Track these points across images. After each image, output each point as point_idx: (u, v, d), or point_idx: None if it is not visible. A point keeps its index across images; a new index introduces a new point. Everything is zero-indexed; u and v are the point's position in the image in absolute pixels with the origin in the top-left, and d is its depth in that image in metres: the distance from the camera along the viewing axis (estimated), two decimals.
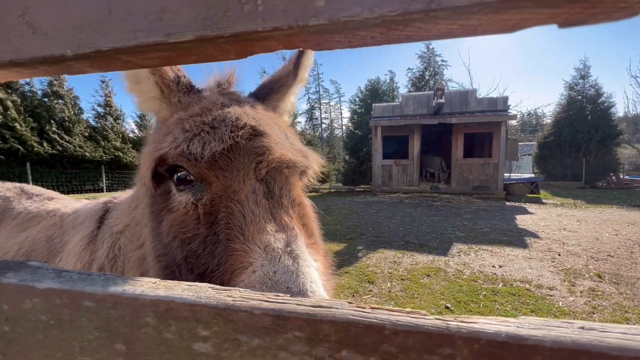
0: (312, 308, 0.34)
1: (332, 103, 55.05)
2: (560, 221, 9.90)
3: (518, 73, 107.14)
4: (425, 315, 0.32)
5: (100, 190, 23.68)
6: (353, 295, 4.61)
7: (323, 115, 52.92)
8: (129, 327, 0.39)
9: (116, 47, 0.38)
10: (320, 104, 51.71)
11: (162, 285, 0.41)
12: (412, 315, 0.32)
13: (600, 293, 4.65)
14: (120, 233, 1.31)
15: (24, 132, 20.66)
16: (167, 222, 0.89)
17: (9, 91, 20.86)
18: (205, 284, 0.42)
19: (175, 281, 0.43)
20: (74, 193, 20.87)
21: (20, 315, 0.44)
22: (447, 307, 4.28)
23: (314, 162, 1.04)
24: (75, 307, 0.41)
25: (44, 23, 0.42)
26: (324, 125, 52.74)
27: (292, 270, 0.68)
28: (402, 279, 5.21)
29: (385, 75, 63.47)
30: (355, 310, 0.33)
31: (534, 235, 8.09)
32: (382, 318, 0.32)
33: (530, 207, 13.10)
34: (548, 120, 34.62)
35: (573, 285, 4.96)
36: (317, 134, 46.19)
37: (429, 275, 5.36)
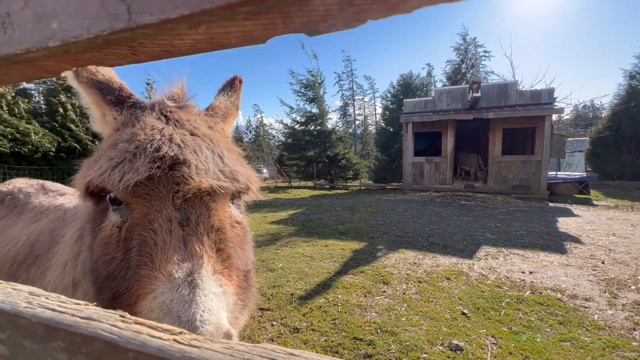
0: (79, 319, 0.35)
1: (365, 99, 54.14)
2: (611, 225, 8.93)
3: (568, 62, 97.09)
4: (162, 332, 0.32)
5: None
6: (365, 295, 4.54)
7: (357, 112, 52.38)
8: None
9: None
10: (354, 100, 51.19)
11: None
12: (150, 334, 0.32)
13: None
14: None
15: (80, 132, 22.85)
16: (98, 240, 0.96)
17: (69, 95, 23.16)
18: (28, 287, 0.45)
19: (4, 283, 0.47)
20: None
21: None
22: (463, 313, 4.06)
23: (249, 182, 1.04)
24: None
25: None
26: (357, 122, 52.20)
27: (186, 300, 0.71)
28: (420, 281, 5.04)
29: (423, 68, 61.21)
30: (111, 325, 0.34)
31: (575, 240, 7.40)
32: (125, 335, 0.32)
33: (577, 208, 11.98)
34: (606, 112, 31.15)
35: (615, 298, 4.46)
36: (350, 130, 45.81)
37: (448, 279, 5.12)
